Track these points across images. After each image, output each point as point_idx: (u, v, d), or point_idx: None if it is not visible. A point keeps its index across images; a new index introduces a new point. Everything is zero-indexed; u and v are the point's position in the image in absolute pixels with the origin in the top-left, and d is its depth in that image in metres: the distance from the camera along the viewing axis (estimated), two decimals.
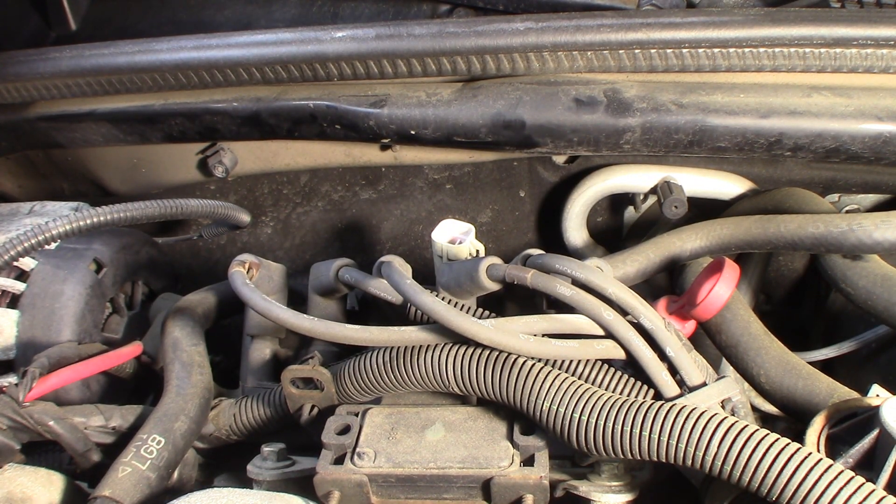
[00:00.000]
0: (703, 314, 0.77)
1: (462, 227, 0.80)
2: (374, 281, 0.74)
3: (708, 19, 0.86)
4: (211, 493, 0.62)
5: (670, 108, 0.86)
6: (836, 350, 0.88)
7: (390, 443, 0.67)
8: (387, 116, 0.93)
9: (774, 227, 0.82)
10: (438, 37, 0.89)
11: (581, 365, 0.67)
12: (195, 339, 0.85)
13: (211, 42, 0.96)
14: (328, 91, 0.96)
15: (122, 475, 0.65)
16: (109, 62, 0.96)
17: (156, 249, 1.01)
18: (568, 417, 0.62)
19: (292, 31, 0.95)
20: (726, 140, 0.86)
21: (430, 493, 0.66)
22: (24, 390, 0.72)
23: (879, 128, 0.83)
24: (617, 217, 1.09)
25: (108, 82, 0.97)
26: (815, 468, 0.52)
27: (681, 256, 0.87)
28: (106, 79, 0.97)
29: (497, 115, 0.89)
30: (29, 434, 0.73)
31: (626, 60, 0.87)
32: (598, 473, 0.67)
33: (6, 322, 0.84)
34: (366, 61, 0.92)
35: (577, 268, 0.67)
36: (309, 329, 0.69)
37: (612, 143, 0.88)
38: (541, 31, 0.87)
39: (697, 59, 0.86)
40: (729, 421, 0.57)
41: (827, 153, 0.85)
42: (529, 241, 1.14)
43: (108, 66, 0.93)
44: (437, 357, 0.67)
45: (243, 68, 0.95)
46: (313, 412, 0.74)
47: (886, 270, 0.79)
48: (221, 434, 0.80)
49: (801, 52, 0.85)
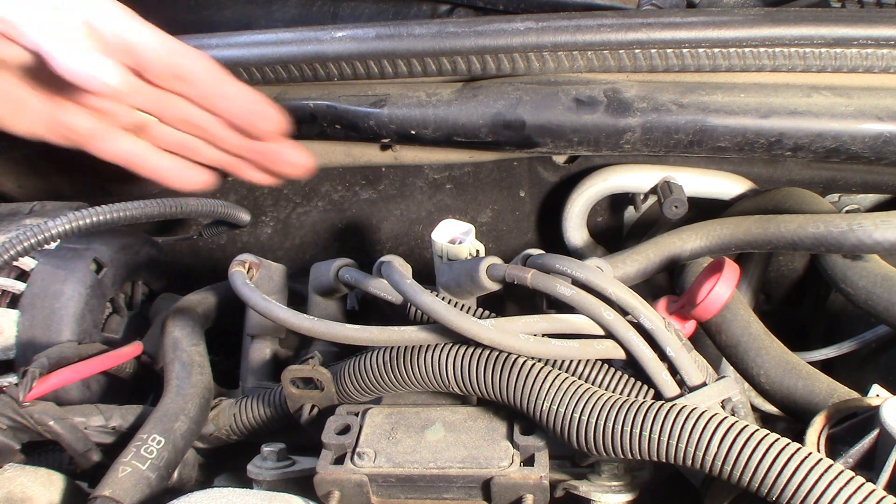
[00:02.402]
0: (704, 314, 0.77)
1: (462, 227, 0.80)
2: (374, 281, 0.74)
3: (708, 19, 0.86)
4: (211, 493, 0.62)
5: (670, 108, 0.86)
6: (836, 350, 0.88)
7: (390, 443, 0.67)
8: (387, 116, 0.93)
9: (774, 227, 0.82)
10: (438, 37, 0.89)
11: (581, 365, 0.67)
12: (195, 339, 0.85)
13: (211, 42, 0.96)
14: (328, 91, 0.96)
15: (122, 475, 0.65)
16: None
17: (156, 249, 1.01)
18: (568, 417, 0.62)
19: (292, 31, 0.95)
20: (726, 140, 0.86)
21: (430, 493, 0.66)
22: (24, 390, 0.72)
23: (879, 128, 0.83)
24: (617, 217, 1.09)
25: None
26: (815, 468, 0.52)
27: (681, 256, 0.87)
28: None
29: (497, 115, 0.89)
30: (29, 434, 0.74)
31: (626, 60, 0.87)
32: (598, 473, 0.67)
33: (6, 322, 0.84)
34: (366, 61, 0.92)
35: (577, 268, 0.67)
36: (309, 329, 0.69)
37: (613, 143, 0.88)
38: (541, 31, 0.87)
39: (697, 58, 0.86)
40: (729, 421, 0.57)
41: (827, 153, 0.85)
42: (529, 241, 1.14)
43: None
44: (437, 357, 0.67)
45: (243, 68, 0.95)
46: (313, 412, 0.74)
47: (886, 270, 0.79)
48: (221, 434, 0.80)
49: (802, 52, 0.85)
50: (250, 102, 0.81)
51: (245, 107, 0.79)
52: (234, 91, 0.80)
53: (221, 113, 0.81)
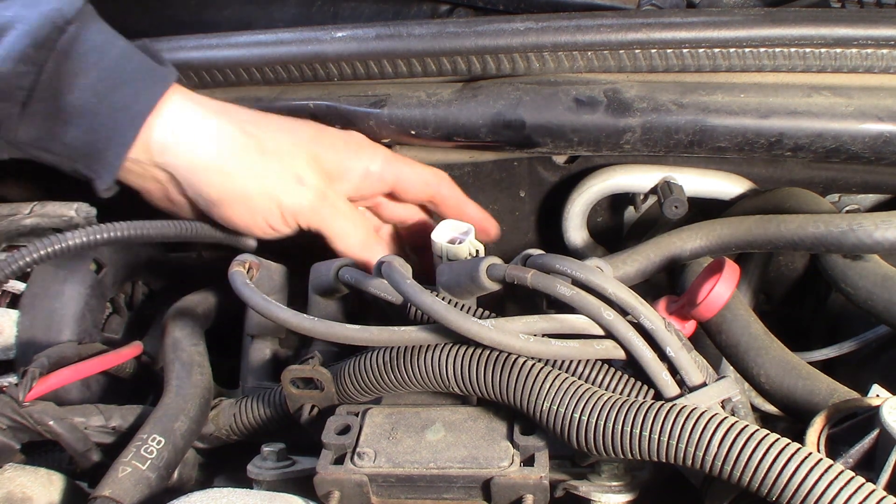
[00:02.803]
0: (704, 314, 0.77)
1: (462, 227, 0.80)
2: (374, 281, 0.74)
3: (708, 19, 0.86)
4: (211, 493, 0.62)
5: (670, 108, 0.86)
6: (836, 350, 0.88)
7: (390, 443, 0.67)
8: (387, 116, 0.93)
9: (774, 227, 0.82)
10: (438, 37, 0.89)
11: (581, 365, 0.67)
12: (195, 339, 0.85)
13: (211, 42, 0.96)
14: (328, 91, 0.96)
15: (122, 475, 0.65)
16: None
17: (156, 249, 1.01)
18: (568, 417, 0.62)
19: (292, 31, 0.95)
20: (727, 140, 0.86)
21: (430, 493, 0.66)
22: (24, 390, 0.72)
23: (880, 128, 0.83)
24: (617, 217, 1.09)
25: None
26: (815, 468, 0.52)
27: (681, 256, 0.87)
28: None
29: (497, 115, 0.89)
30: (29, 434, 0.73)
31: (627, 60, 0.87)
32: (598, 473, 0.67)
33: (6, 322, 0.84)
34: (366, 61, 0.92)
35: (577, 268, 0.67)
36: (309, 329, 0.69)
37: (613, 143, 0.88)
38: (541, 31, 0.87)
39: (697, 59, 0.86)
40: (729, 421, 0.57)
41: (827, 153, 0.85)
42: (529, 241, 1.13)
43: None
44: (437, 357, 0.67)
45: (243, 68, 0.95)
46: (313, 412, 0.74)
47: (886, 270, 0.79)
48: (221, 434, 0.80)
49: (802, 52, 0.85)
50: (482, 220, 0.97)
51: (478, 223, 0.92)
52: (472, 211, 0.97)
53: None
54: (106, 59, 0.78)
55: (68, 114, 0.77)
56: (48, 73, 0.75)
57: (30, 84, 0.75)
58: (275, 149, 0.85)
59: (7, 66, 0.74)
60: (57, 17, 0.76)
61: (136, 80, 0.79)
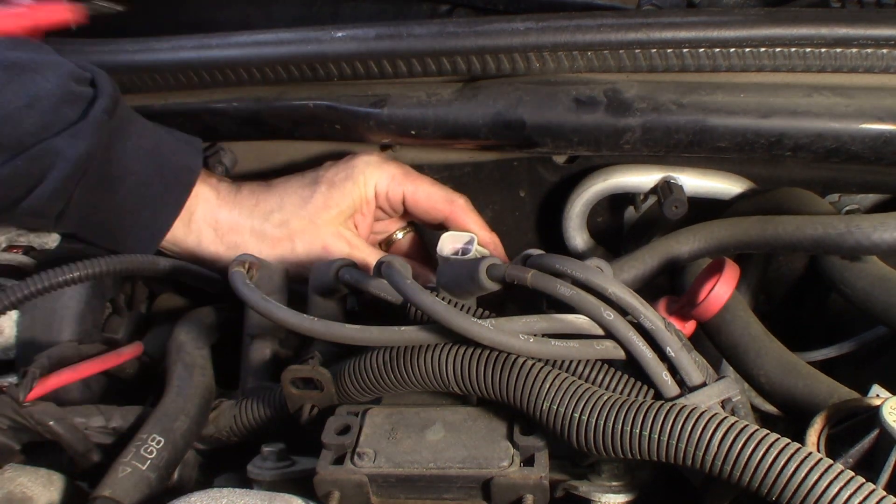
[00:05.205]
0: (703, 314, 0.77)
1: (464, 238, 0.80)
2: (374, 281, 0.74)
3: (708, 19, 0.86)
4: (211, 493, 0.62)
5: (671, 108, 0.86)
6: (836, 350, 0.88)
7: (390, 443, 0.67)
8: (387, 116, 0.93)
9: (772, 229, 0.82)
10: (438, 37, 0.89)
11: (581, 365, 0.67)
12: (200, 343, 0.85)
13: (211, 42, 0.96)
14: (328, 91, 0.96)
15: (122, 475, 0.65)
16: (109, 61, 0.96)
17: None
18: (568, 417, 0.62)
19: (292, 31, 0.95)
20: (727, 140, 0.86)
21: (430, 493, 0.66)
22: (25, 390, 0.72)
23: (880, 128, 0.83)
24: (617, 217, 1.09)
25: None
26: (815, 468, 0.52)
27: (678, 260, 0.87)
28: None
29: (497, 115, 0.89)
30: (29, 434, 0.73)
31: (626, 60, 0.87)
32: (598, 473, 0.67)
33: (6, 322, 0.84)
34: (366, 61, 0.92)
35: (577, 268, 0.67)
36: (309, 329, 0.69)
37: (613, 143, 0.88)
38: (541, 31, 0.87)
39: (697, 58, 0.86)
40: (729, 421, 0.57)
41: (827, 153, 0.85)
42: (529, 241, 1.13)
43: (107, 65, 0.92)
44: (437, 357, 0.67)
45: (243, 68, 0.95)
46: (313, 412, 0.74)
47: (885, 272, 0.79)
48: (222, 435, 0.80)
49: (802, 52, 0.85)
50: (491, 244, 1.01)
51: (489, 243, 0.98)
52: (483, 235, 0.99)
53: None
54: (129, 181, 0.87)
55: (99, 224, 0.89)
56: (79, 195, 0.84)
57: (64, 206, 0.84)
58: (301, 229, 0.94)
59: (44, 198, 0.81)
60: (94, 150, 0.82)
61: (156, 202, 0.90)
